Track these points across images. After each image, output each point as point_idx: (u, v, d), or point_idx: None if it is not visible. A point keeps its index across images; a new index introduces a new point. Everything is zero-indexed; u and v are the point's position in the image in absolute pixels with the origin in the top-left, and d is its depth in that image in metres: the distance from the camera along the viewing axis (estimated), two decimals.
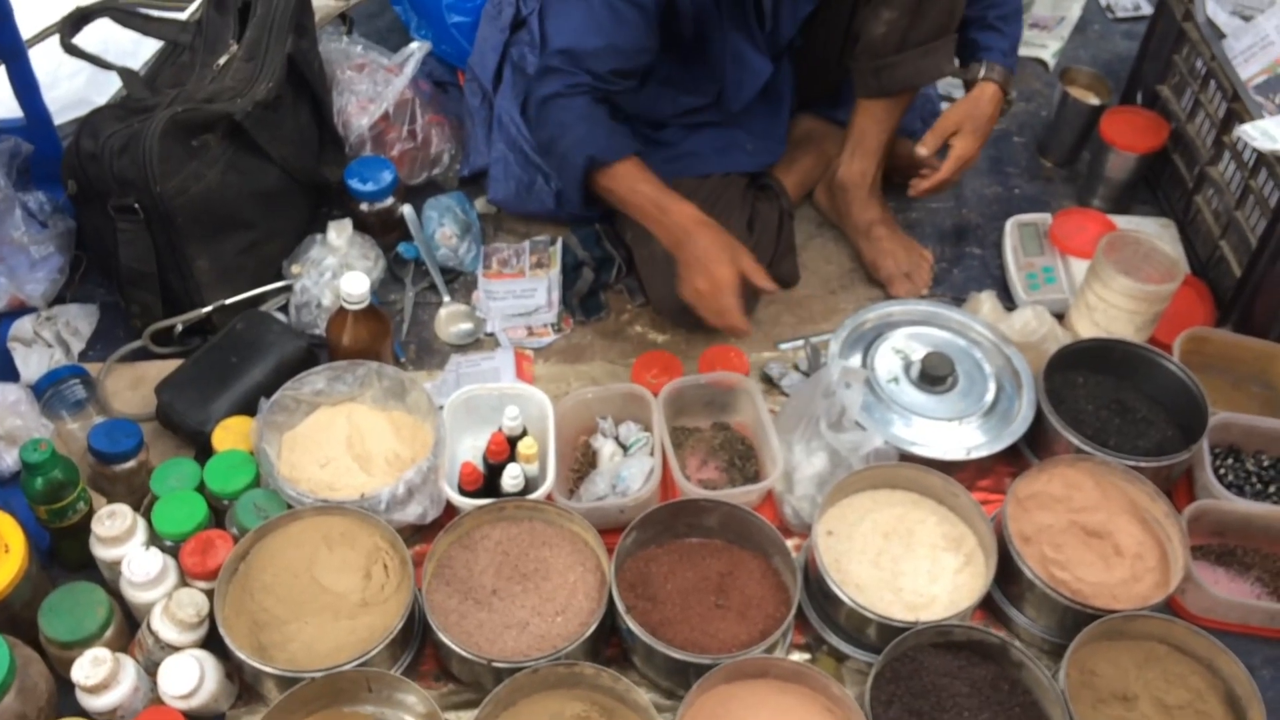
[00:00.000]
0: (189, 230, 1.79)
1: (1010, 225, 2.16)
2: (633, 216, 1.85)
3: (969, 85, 1.97)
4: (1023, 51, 2.54)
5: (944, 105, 2.30)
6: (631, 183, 1.81)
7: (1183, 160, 2.16)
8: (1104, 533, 1.62)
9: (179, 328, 1.87)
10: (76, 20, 1.89)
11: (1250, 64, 2.10)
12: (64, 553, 1.62)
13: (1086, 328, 1.92)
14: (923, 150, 1.95)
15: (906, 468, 1.69)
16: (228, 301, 1.87)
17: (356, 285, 1.71)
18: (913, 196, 2.00)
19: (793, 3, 1.90)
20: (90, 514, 1.56)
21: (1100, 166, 2.21)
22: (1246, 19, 2.19)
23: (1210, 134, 2.06)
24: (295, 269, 1.95)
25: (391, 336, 1.85)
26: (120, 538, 1.52)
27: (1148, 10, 2.62)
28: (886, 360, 1.85)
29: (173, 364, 1.81)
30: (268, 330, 1.81)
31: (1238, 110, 1.95)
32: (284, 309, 1.94)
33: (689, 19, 1.86)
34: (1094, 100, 2.27)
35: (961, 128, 1.94)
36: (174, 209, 1.75)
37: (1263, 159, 1.88)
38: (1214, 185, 2.05)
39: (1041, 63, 2.57)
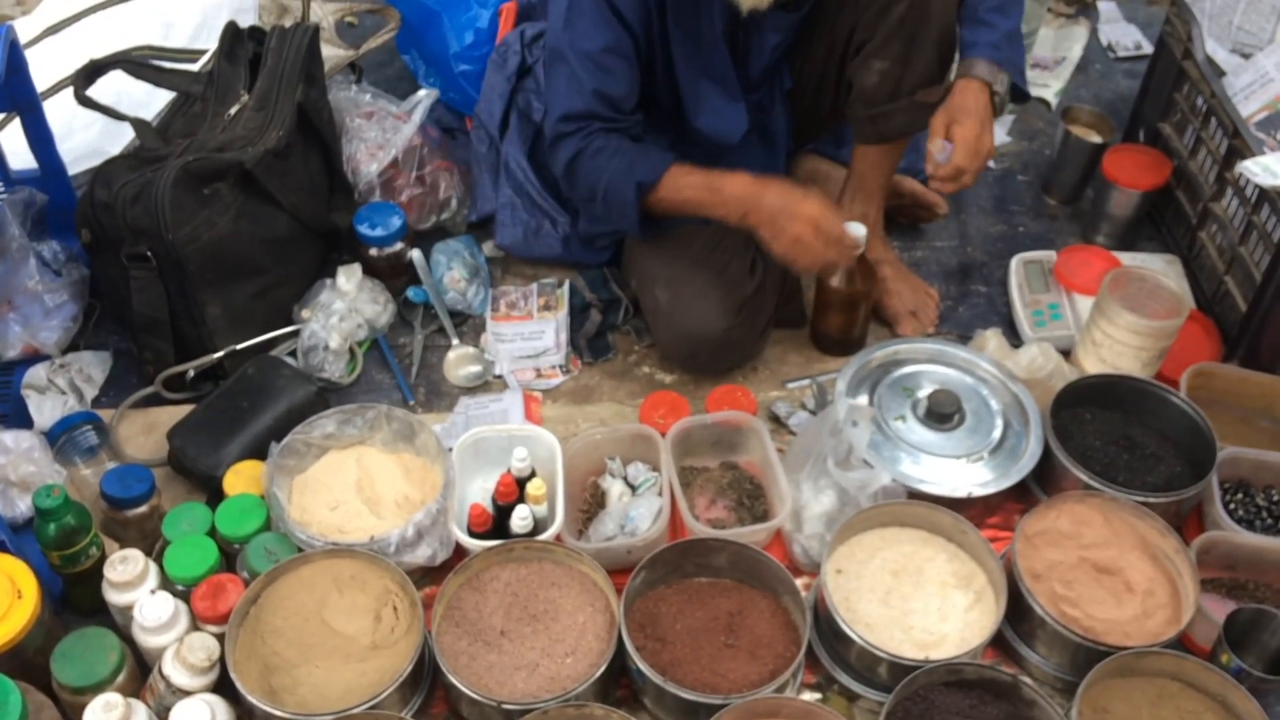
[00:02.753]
0: (201, 277, 1.81)
1: (1015, 263, 2.17)
2: (694, 214, 1.86)
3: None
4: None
5: None
6: (679, 186, 1.83)
7: (1186, 197, 2.17)
8: (1114, 569, 1.62)
9: (191, 373, 1.88)
10: (90, 73, 1.92)
11: (1250, 101, 2.12)
12: (76, 598, 1.63)
13: (1093, 364, 1.92)
14: (930, 166, 1.86)
15: (915, 505, 1.69)
16: (239, 347, 1.89)
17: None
18: (943, 193, 1.95)
19: (760, 39, 1.92)
20: (102, 559, 1.57)
21: (1104, 204, 2.22)
22: (1246, 56, 2.20)
23: (1212, 170, 2.07)
24: (305, 314, 1.97)
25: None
26: (132, 583, 1.53)
27: (1148, 49, 2.65)
28: (893, 398, 1.85)
29: (185, 409, 1.83)
30: (278, 375, 1.83)
31: (1239, 147, 1.97)
32: (294, 353, 1.95)
33: (661, 69, 1.88)
34: (1096, 138, 2.29)
35: (952, 120, 1.83)
36: (186, 256, 1.77)
37: (1265, 195, 1.89)
38: (1217, 221, 2.06)
39: (1044, 102, 2.59)
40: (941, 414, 1.80)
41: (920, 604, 1.59)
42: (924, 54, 1.87)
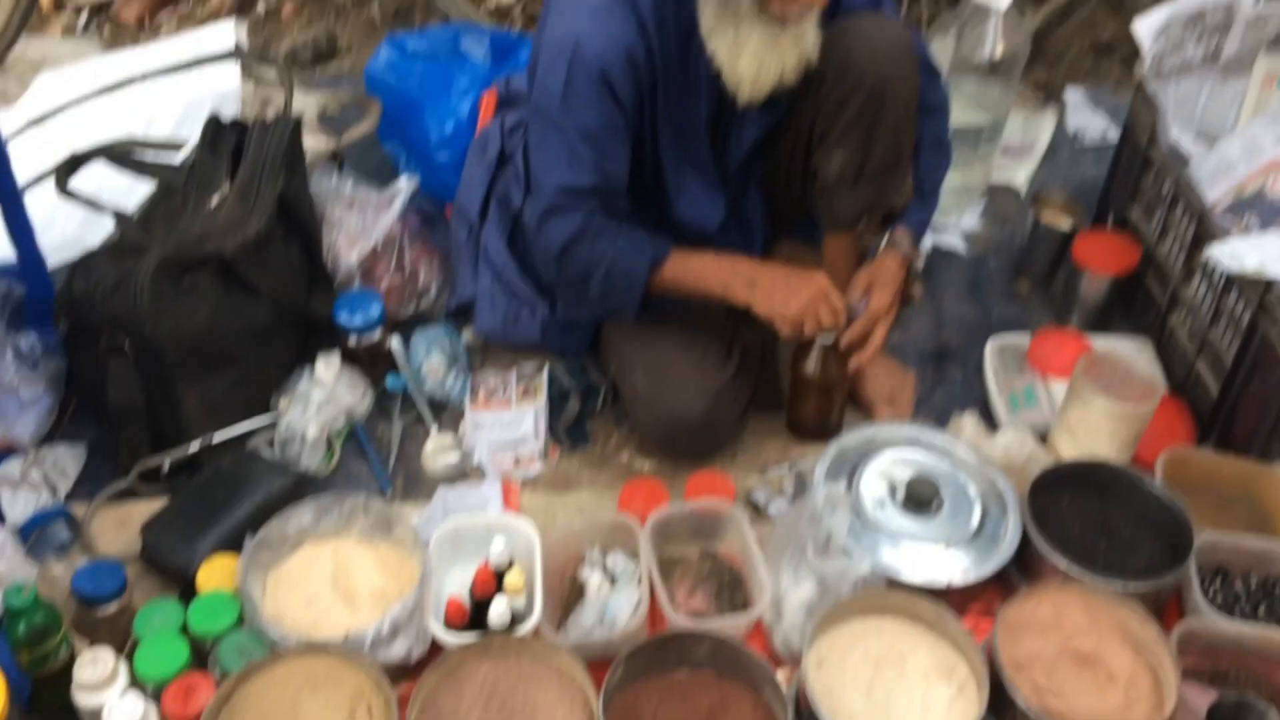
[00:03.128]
0: (178, 368, 1.81)
1: (990, 347, 2.19)
2: (696, 290, 1.89)
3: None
4: (995, 177, 2.63)
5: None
6: (687, 262, 1.88)
7: (1156, 281, 2.20)
8: (1096, 658, 1.61)
9: (166, 466, 1.87)
10: (72, 164, 1.94)
11: (1216, 187, 2.15)
12: (45, 700, 1.59)
13: (1069, 448, 1.93)
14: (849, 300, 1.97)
15: (896, 594, 1.68)
16: (215, 438, 1.88)
17: None
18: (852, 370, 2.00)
19: (739, 135, 1.96)
20: (72, 659, 1.54)
21: (1075, 288, 2.25)
22: (1210, 143, 2.25)
23: (1180, 255, 2.10)
24: (283, 403, 1.96)
25: None
26: (101, 684, 1.50)
27: (1115, 136, 2.69)
28: (872, 484, 1.85)
29: (160, 503, 1.81)
30: (254, 466, 1.82)
31: (1205, 232, 2.00)
32: (271, 444, 1.95)
33: (648, 153, 1.91)
34: (1066, 224, 2.32)
35: (873, 283, 1.96)
36: (164, 347, 1.78)
37: (1233, 279, 1.92)
38: (1187, 305, 2.09)
39: (1014, 188, 2.64)
40: (920, 500, 1.80)
41: (903, 696, 1.58)
42: (882, 143, 1.91)
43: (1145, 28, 2.19)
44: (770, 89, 1.80)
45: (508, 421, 2.05)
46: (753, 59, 1.75)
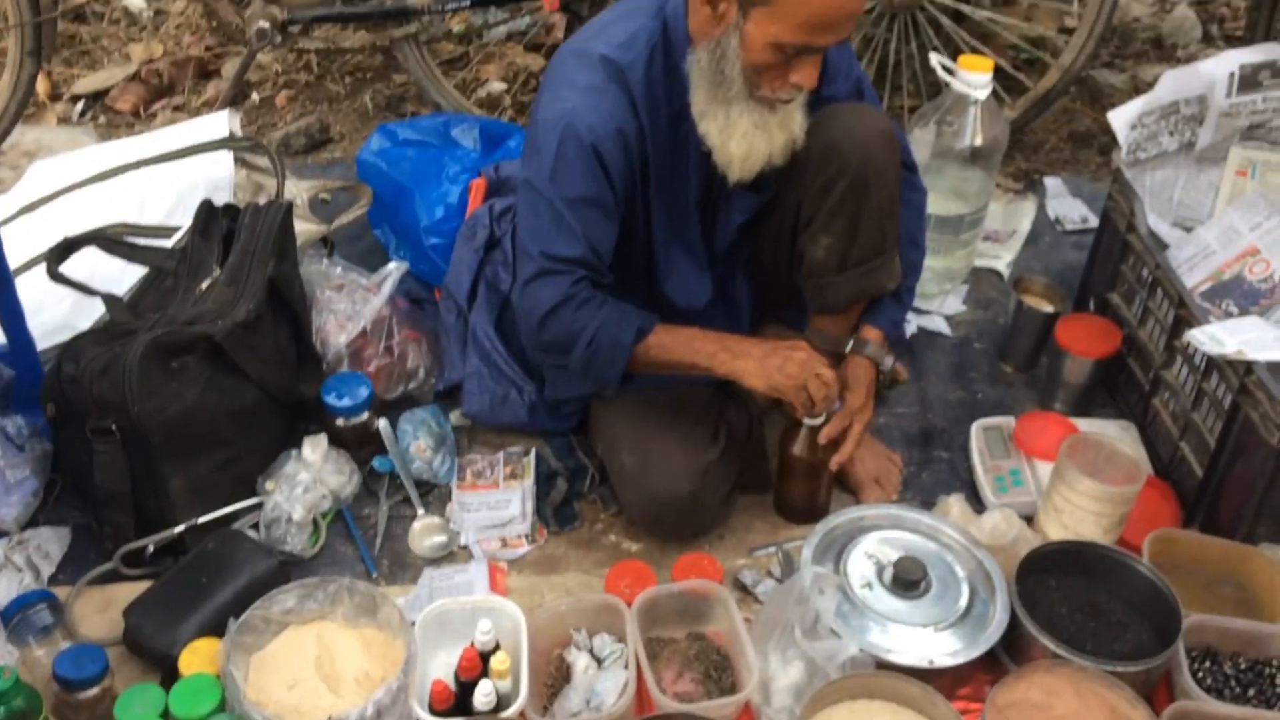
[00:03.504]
0: (165, 450, 1.81)
1: (975, 429, 2.20)
2: (680, 364, 1.89)
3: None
4: (978, 262, 2.67)
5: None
6: (672, 334, 1.88)
7: (1138, 364, 2.22)
8: None
9: (150, 548, 1.86)
10: (64, 249, 1.96)
11: (1195, 272, 2.20)
12: None
13: (1055, 530, 1.94)
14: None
15: (884, 676, 1.67)
16: (200, 520, 1.88)
17: None
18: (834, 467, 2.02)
19: (728, 216, 1.99)
20: None
21: (1059, 371, 2.27)
22: (1187, 230, 2.29)
23: (1161, 339, 2.13)
24: (269, 485, 1.96)
25: None
26: None
27: (1094, 222, 2.74)
28: (859, 565, 1.85)
29: (143, 586, 1.80)
30: (239, 548, 1.81)
31: (1185, 316, 2.03)
32: (256, 526, 1.94)
33: (640, 231, 1.94)
34: (1048, 308, 2.35)
35: (845, 384, 2.00)
36: (151, 429, 1.78)
37: (1213, 362, 1.94)
38: (1169, 388, 2.11)
39: (997, 273, 2.68)
40: (908, 581, 1.80)
41: None
42: (866, 228, 1.94)
43: (1119, 119, 2.24)
44: (759, 170, 1.83)
45: (495, 502, 2.05)
46: (743, 140, 1.78)
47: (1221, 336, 1.89)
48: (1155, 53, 3.70)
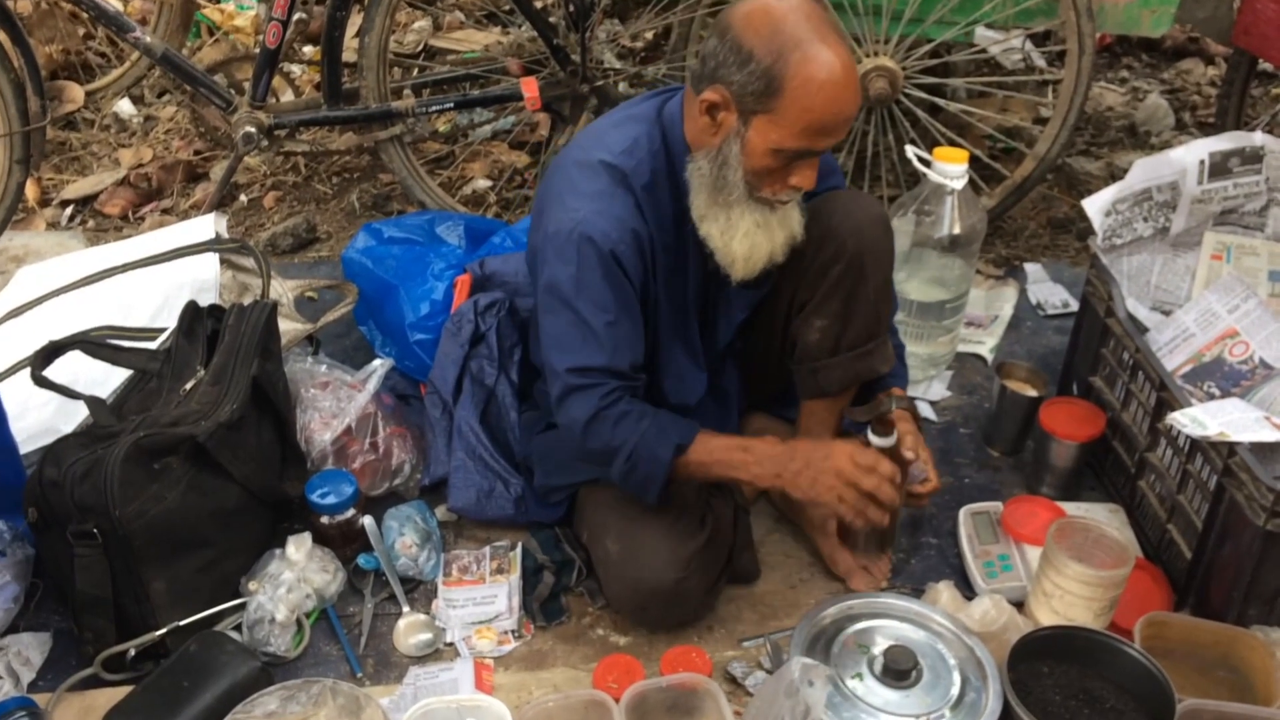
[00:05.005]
0: (146, 553, 1.79)
1: (963, 514, 2.20)
2: (720, 476, 1.88)
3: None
4: (962, 348, 2.69)
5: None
6: (710, 448, 1.85)
7: (1123, 447, 2.23)
8: None
9: (132, 652, 1.84)
10: (49, 354, 1.96)
11: (1175, 355, 2.22)
12: None
13: (1046, 615, 1.92)
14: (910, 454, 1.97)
15: None
16: (182, 623, 1.85)
17: None
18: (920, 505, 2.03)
19: (728, 314, 2.02)
20: None
21: (1045, 455, 2.28)
22: (1166, 313, 2.32)
23: (1145, 421, 2.14)
24: (252, 585, 1.94)
25: None
26: None
27: (1075, 306, 2.77)
28: (849, 655, 1.83)
29: (124, 691, 1.77)
30: (221, 651, 1.79)
31: (1167, 399, 2.04)
32: (239, 627, 1.92)
33: (649, 331, 1.94)
34: (1032, 392, 2.36)
35: (917, 442, 1.99)
36: (132, 532, 1.76)
37: (1197, 444, 1.95)
38: (1155, 470, 2.11)
39: (980, 358, 2.69)
40: (898, 671, 1.78)
41: None
42: (861, 312, 1.97)
43: (1094, 206, 2.28)
44: (762, 268, 1.85)
45: (481, 598, 2.03)
46: (745, 240, 1.81)
47: (1203, 419, 1.90)
48: (1129, 140, 3.78)
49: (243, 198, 3.27)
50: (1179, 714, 1.70)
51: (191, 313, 2.05)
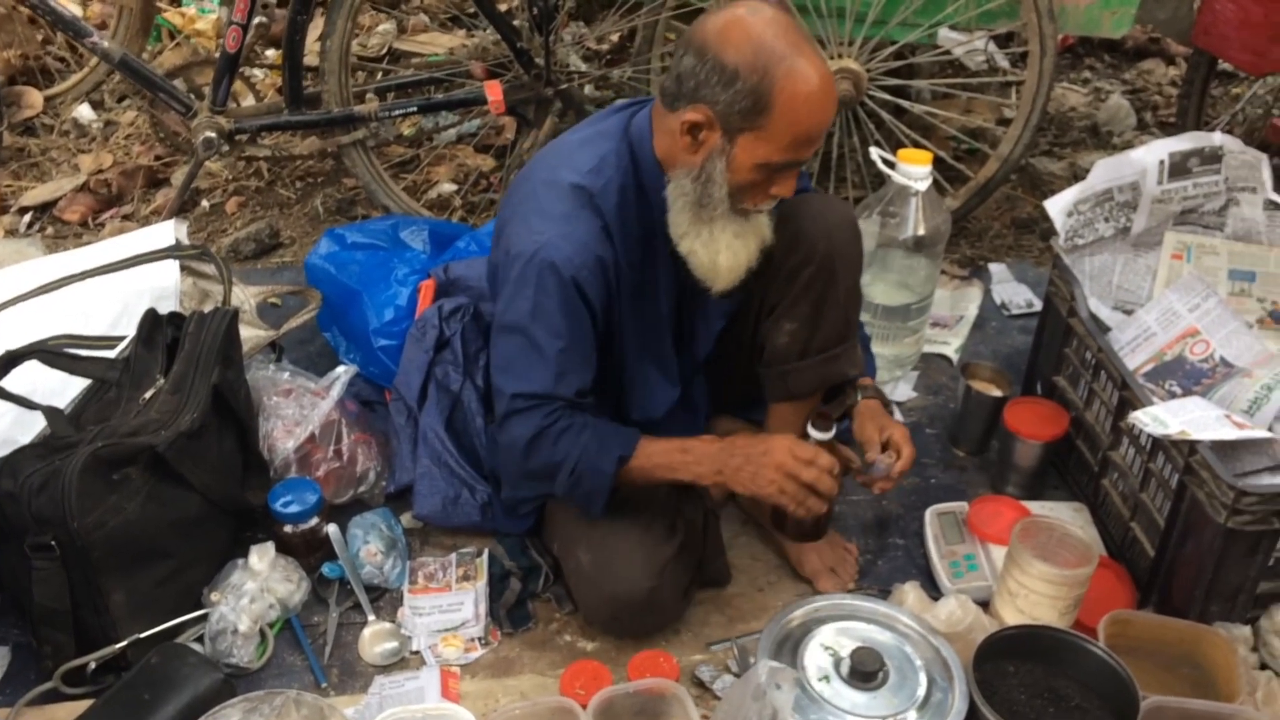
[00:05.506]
0: (105, 564, 1.77)
1: (929, 515, 2.20)
2: (662, 480, 1.88)
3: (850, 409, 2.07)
4: (927, 348, 2.69)
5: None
6: (650, 454, 1.85)
7: (1086, 446, 2.24)
8: None
9: (92, 666, 1.81)
10: (5, 363, 1.93)
11: (1137, 354, 2.23)
12: None
13: (1011, 614, 1.93)
14: (875, 477, 1.97)
15: None
16: (143, 635, 1.83)
17: None
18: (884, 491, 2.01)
19: (706, 325, 2.02)
20: None
21: (1009, 455, 2.29)
22: (1128, 313, 2.33)
23: (1107, 421, 2.15)
24: (215, 596, 1.92)
25: None
26: None
27: (1039, 306, 2.78)
28: (816, 658, 1.83)
29: (85, 705, 1.74)
30: (182, 663, 1.77)
31: (1129, 398, 2.05)
32: (202, 639, 1.90)
33: (615, 351, 1.94)
34: (996, 392, 2.37)
35: (882, 427, 1.99)
36: (91, 544, 1.74)
37: (1159, 443, 1.96)
38: (1117, 469, 2.12)
39: (946, 358, 2.70)
40: (865, 672, 1.78)
41: None
42: (831, 315, 1.98)
43: (1056, 206, 2.29)
44: (742, 277, 1.85)
45: (447, 605, 2.02)
46: (728, 252, 1.81)
47: (1165, 417, 1.91)
48: (1092, 140, 3.81)
49: (205, 203, 3.23)
50: (1143, 711, 1.71)
51: (151, 320, 2.02)
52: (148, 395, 1.93)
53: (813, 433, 1.87)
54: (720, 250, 1.81)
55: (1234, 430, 1.88)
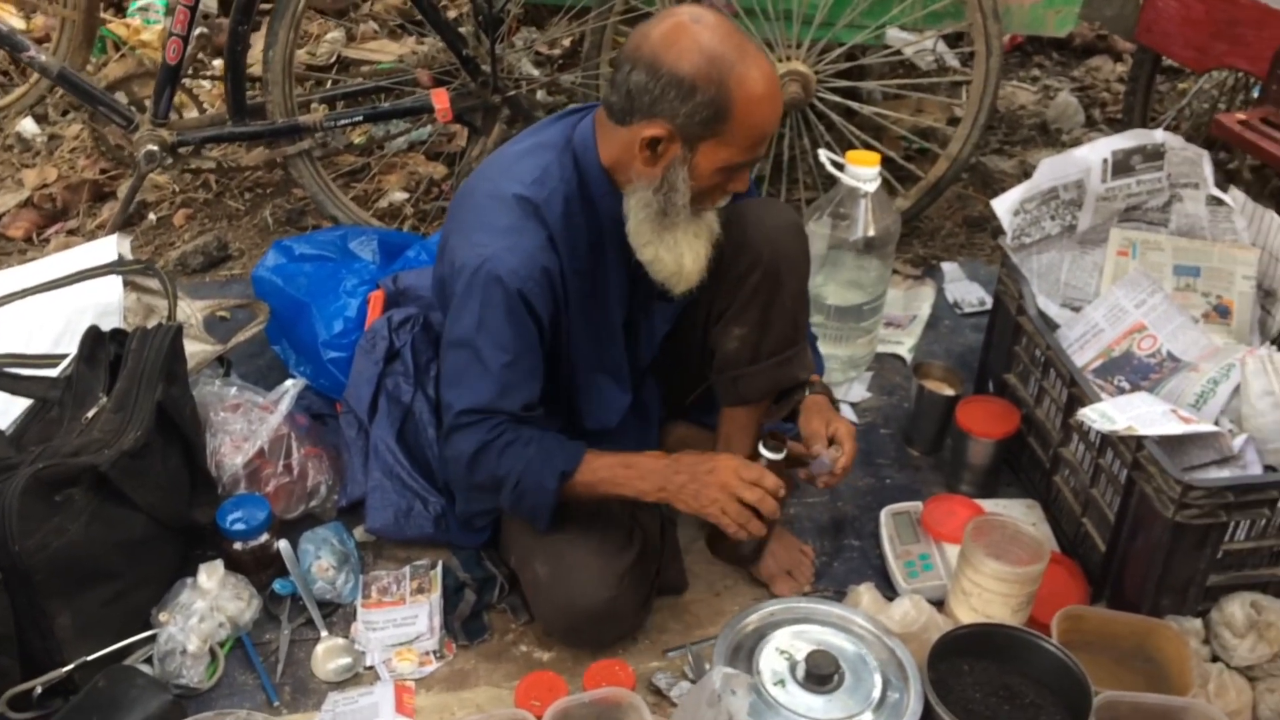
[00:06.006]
0: (49, 587, 1.74)
1: (884, 515, 2.21)
2: (606, 494, 1.87)
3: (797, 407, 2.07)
4: (881, 348, 2.70)
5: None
6: (594, 468, 1.85)
7: (1038, 443, 2.25)
8: None
9: (38, 690, 1.78)
10: None
11: (1086, 350, 2.25)
12: None
13: (965, 613, 1.94)
14: (818, 471, 1.98)
15: None
16: (90, 658, 1.80)
17: None
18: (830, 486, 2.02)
19: (650, 330, 2.01)
20: None
21: (962, 453, 2.30)
22: (1076, 310, 2.35)
23: (1057, 417, 2.17)
24: (163, 616, 1.89)
25: None
26: None
27: (991, 304, 2.80)
28: (771, 662, 1.82)
29: None
30: (131, 685, 1.74)
31: (1077, 394, 2.07)
32: (151, 660, 1.87)
33: (563, 362, 1.94)
34: (948, 391, 2.39)
35: (828, 422, 2.00)
36: (34, 566, 1.71)
37: (1108, 439, 1.97)
38: (1068, 465, 2.14)
39: (899, 358, 2.71)
40: (820, 676, 1.78)
41: None
42: (779, 319, 1.98)
43: (1002, 206, 2.31)
44: (703, 275, 1.86)
45: (401, 619, 2.00)
46: (689, 252, 1.82)
47: (1112, 414, 1.93)
48: (1042, 138, 3.84)
49: (152, 216, 3.19)
50: (1095, 706, 1.72)
51: (93, 338, 1.99)
52: (90, 414, 1.90)
53: (764, 452, 1.88)
54: (684, 253, 1.81)
55: (1180, 425, 1.89)
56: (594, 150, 1.83)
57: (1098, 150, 2.32)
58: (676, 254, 1.81)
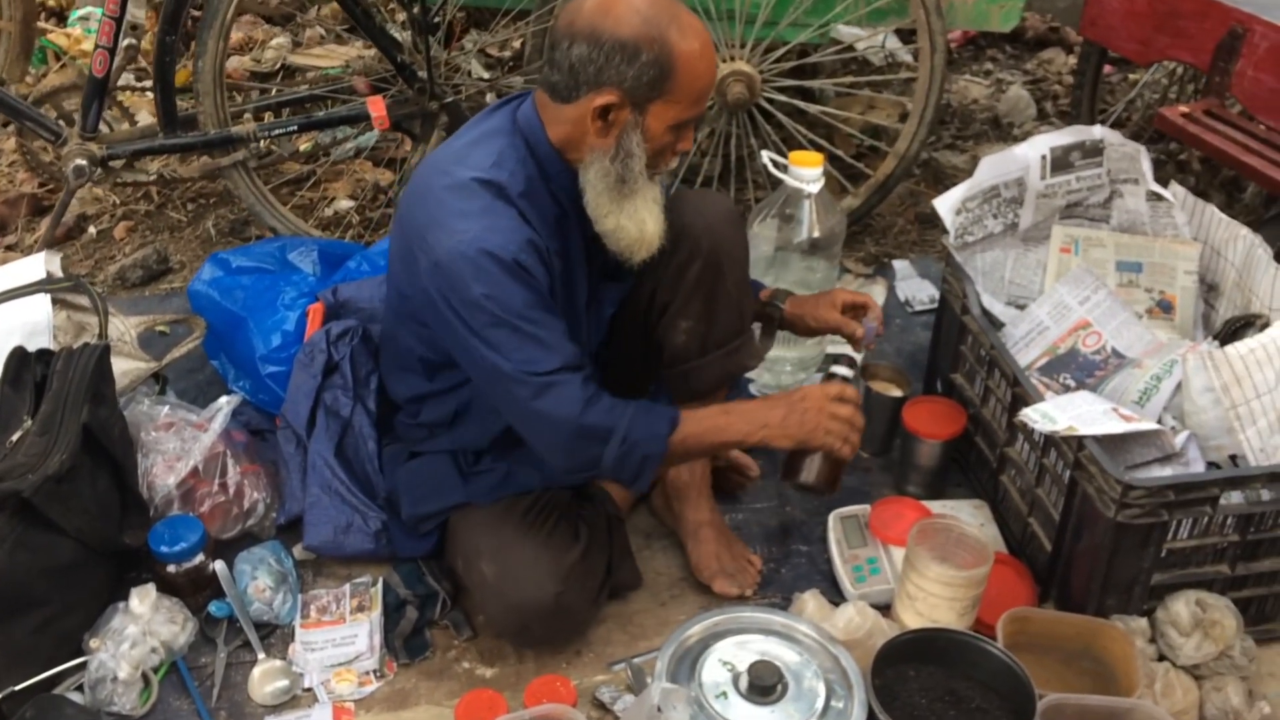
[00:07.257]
0: None
1: (832, 519, 2.19)
2: (710, 444, 1.89)
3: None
4: (831, 349, 2.68)
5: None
6: (699, 421, 1.85)
7: (985, 443, 2.24)
8: None
9: None
10: None
11: (1031, 349, 2.24)
12: None
13: (911, 618, 1.92)
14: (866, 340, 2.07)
15: None
16: (18, 687, 1.76)
17: None
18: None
19: (598, 312, 2.00)
20: None
21: (911, 455, 2.28)
22: (1021, 308, 2.34)
23: (1003, 417, 2.15)
24: (94, 643, 1.85)
25: None
26: None
27: None
28: (714, 673, 1.80)
29: None
30: (60, 715, 1.71)
31: (1021, 394, 2.05)
32: (81, 687, 1.83)
33: None
34: (896, 392, 2.37)
35: (835, 298, 2.09)
36: None
37: (1051, 438, 1.96)
38: (1014, 465, 2.13)
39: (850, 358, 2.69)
40: (763, 686, 1.75)
41: None
42: (724, 309, 1.98)
43: (944, 205, 2.30)
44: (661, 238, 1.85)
45: (341, 639, 1.96)
46: (651, 218, 1.83)
47: (1053, 414, 1.91)
48: (994, 132, 3.83)
49: (92, 229, 3.14)
50: (1040, 710, 1.70)
51: (18, 360, 1.95)
52: (14, 438, 1.85)
53: (839, 370, 1.96)
54: (645, 218, 1.82)
55: (1121, 424, 1.88)
56: (541, 132, 1.81)
57: (1036, 147, 2.31)
58: (638, 220, 1.81)
